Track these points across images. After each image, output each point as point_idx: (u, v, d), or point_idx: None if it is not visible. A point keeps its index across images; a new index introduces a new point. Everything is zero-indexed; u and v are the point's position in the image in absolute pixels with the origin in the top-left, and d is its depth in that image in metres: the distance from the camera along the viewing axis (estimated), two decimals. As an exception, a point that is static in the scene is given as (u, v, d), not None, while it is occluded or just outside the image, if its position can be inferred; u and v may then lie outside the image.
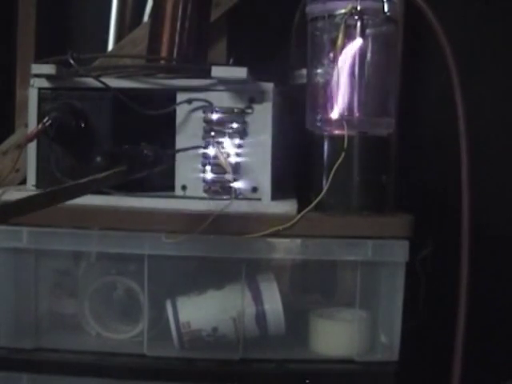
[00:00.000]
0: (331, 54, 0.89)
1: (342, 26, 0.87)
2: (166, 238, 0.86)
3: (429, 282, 0.99)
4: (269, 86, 0.90)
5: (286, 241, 0.87)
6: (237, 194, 0.90)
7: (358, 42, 0.88)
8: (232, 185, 0.90)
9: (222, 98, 0.90)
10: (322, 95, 0.91)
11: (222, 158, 0.88)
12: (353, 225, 0.87)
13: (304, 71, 0.98)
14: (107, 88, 0.89)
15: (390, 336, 0.90)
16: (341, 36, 0.87)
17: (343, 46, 0.87)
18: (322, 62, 0.90)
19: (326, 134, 0.90)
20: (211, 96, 0.90)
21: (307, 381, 0.86)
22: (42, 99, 0.91)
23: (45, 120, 0.86)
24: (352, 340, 0.90)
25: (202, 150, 0.90)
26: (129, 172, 0.68)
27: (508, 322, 1.27)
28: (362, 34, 0.88)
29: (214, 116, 0.90)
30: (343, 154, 0.87)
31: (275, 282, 0.91)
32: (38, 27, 1.23)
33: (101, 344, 0.92)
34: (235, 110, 0.90)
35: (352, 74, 0.88)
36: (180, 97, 0.91)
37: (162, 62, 0.99)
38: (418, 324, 0.99)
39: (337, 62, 0.88)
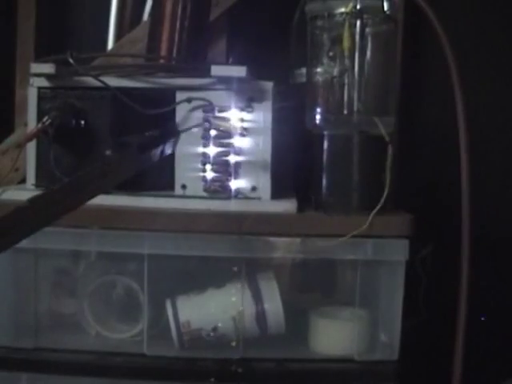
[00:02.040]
0: (331, 53, 0.89)
1: (346, 26, 0.87)
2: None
3: (429, 280, 0.99)
4: (268, 85, 0.90)
5: (286, 240, 0.87)
6: (236, 193, 0.90)
7: (357, 41, 0.88)
8: (231, 184, 0.90)
9: (222, 97, 0.90)
10: (322, 94, 0.91)
11: None
12: (353, 224, 0.87)
13: (304, 70, 0.98)
14: (107, 87, 0.89)
15: (389, 335, 0.90)
16: (346, 35, 0.87)
17: (349, 46, 0.87)
18: (322, 61, 0.90)
19: (325, 133, 0.90)
20: (211, 95, 0.90)
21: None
22: (41, 98, 0.91)
23: (44, 119, 0.86)
24: (352, 339, 0.90)
25: (201, 149, 0.90)
26: (141, 150, 0.66)
27: (508, 321, 1.27)
28: (362, 33, 0.88)
29: (214, 115, 0.90)
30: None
31: (275, 281, 0.90)
32: (38, 26, 1.23)
33: (100, 343, 0.92)
34: (235, 109, 0.90)
35: (352, 72, 0.88)
36: (180, 96, 0.90)
37: (162, 61, 0.99)
38: (417, 323, 0.99)
39: (337, 60, 0.88)
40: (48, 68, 0.89)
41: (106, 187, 0.57)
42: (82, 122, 0.89)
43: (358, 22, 0.87)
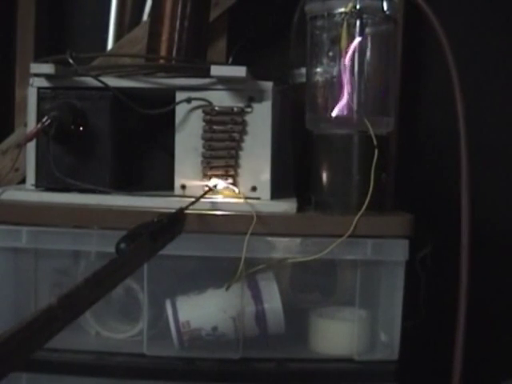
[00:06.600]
0: (331, 53, 0.89)
1: (345, 26, 0.87)
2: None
3: (429, 280, 0.99)
4: (268, 85, 0.90)
5: (286, 240, 0.87)
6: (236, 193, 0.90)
7: (357, 40, 0.88)
8: (232, 184, 0.90)
9: (222, 97, 0.90)
10: (322, 94, 0.91)
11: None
12: (352, 224, 0.87)
13: (303, 70, 0.98)
14: (106, 87, 0.89)
15: (389, 335, 0.90)
16: (344, 35, 0.87)
17: (346, 46, 0.87)
18: (322, 61, 0.90)
19: (325, 133, 0.90)
20: (211, 95, 0.90)
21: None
22: (41, 98, 0.91)
23: (44, 119, 0.86)
24: (352, 339, 0.90)
25: (201, 149, 0.90)
26: (152, 239, 0.67)
27: (508, 321, 1.27)
28: (362, 33, 0.88)
29: (214, 115, 0.90)
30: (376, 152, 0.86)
31: (275, 281, 0.90)
32: (38, 26, 1.23)
33: (100, 343, 0.92)
34: (235, 110, 0.90)
35: (351, 72, 0.88)
36: (179, 96, 0.90)
37: (161, 61, 0.99)
38: (417, 323, 0.99)
39: (336, 60, 0.88)
40: (48, 68, 0.89)
41: (123, 278, 0.60)
42: (82, 122, 0.89)
43: (358, 22, 0.87)
